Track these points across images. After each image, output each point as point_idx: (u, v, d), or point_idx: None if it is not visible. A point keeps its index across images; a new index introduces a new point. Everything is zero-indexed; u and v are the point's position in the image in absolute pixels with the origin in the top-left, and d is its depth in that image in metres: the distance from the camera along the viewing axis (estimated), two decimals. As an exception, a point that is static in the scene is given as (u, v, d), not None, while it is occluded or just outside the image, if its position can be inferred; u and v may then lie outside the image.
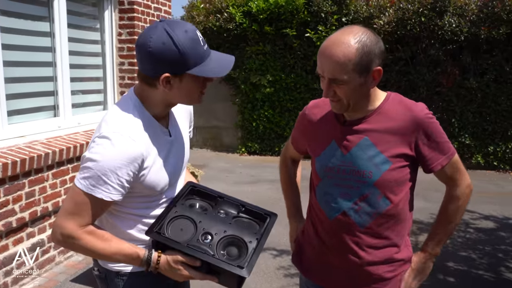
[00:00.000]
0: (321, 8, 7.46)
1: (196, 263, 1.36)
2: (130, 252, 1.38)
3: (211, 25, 8.10)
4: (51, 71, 3.82)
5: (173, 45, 1.29)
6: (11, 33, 3.39)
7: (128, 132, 1.33)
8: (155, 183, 1.42)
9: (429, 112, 1.51)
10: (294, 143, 1.82)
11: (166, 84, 1.35)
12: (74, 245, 1.35)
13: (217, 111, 8.83)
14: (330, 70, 1.40)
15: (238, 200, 1.58)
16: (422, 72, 7.44)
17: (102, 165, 1.28)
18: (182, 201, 1.52)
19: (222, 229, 1.44)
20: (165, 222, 1.43)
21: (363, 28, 1.43)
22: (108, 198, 1.31)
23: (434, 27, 7.10)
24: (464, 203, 1.59)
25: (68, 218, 1.32)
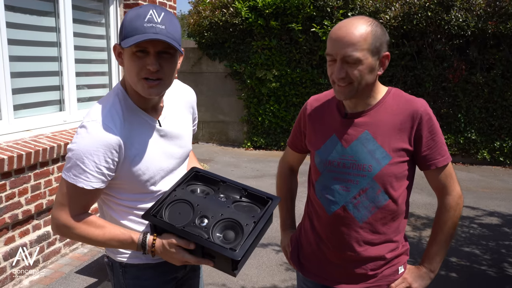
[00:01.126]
0: (327, 2, 7.43)
1: (190, 246, 1.36)
2: (125, 237, 1.40)
3: (217, 19, 8.10)
4: (57, 66, 3.86)
5: (125, 16, 1.34)
6: (17, 28, 3.43)
7: (104, 120, 1.35)
8: (141, 171, 1.42)
9: (429, 109, 1.52)
10: (292, 142, 1.82)
11: (118, 56, 1.39)
12: (70, 234, 1.39)
13: (223, 105, 8.85)
14: (344, 48, 1.39)
15: (241, 185, 1.57)
16: (428, 67, 7.40)
17: (79, 153, 1.31)
18: (183, 186, 1.51)
19: (219, 212, 1.43)
20: (163, 206, 1.44)
21: (371, 18, 1.47)
22: (89, 187, 1.33)
23: (441, 21, 7.05)
24: (456, 214, 1.57)
25: (60, 209, 1.37)
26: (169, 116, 1.54)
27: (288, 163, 1.91)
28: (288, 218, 1.90)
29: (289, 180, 1.91)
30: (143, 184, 1.45)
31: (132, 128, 1.40)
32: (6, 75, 3.26)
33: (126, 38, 1.29)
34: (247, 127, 8.77)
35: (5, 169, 2.97)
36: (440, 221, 1.59)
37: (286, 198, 1.90)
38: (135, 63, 1.32)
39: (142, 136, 1.43)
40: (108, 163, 1.34)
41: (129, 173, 1.40)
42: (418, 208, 5.18)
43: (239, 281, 3.45)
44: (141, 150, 1.42)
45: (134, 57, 1.31)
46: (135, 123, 1.42)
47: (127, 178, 1.41)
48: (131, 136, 1.39)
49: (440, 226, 1.59)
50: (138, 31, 1.27)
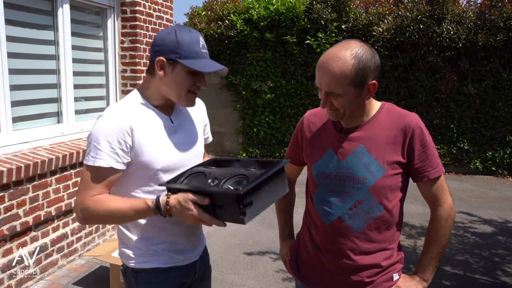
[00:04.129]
0: (321, 15, 7.54)
1: (205, 200, 1.39)
2: (140, 205, 1.47)
3: (212, 32, 8.19)
4: (55, 79, 3.90)
5: (174, 35, 1.50)
6: (17, 42, 3.48)
7: (118, 109, 1.52)
8: (153, 158, 1.52)
9: (421, 123, 1.58)
10: (290, 155, 1.87)
11: (160, 69, 1.52)
12: (91, 215, 1.48)
13: (218, 116, 8.91)
14: (327, 84, 1.47)
15: (254, 159, 1.64)
16: (421, 78, 7.51)
17: (94, 135, 1.47)
18: (199, 167, 1.60)
19: (229, 173, 1.49)
20: (179, 178, 1.53)
21: (360, 42, 1.50)
22: (105, 165, 1.45)
23: (433, 34, 7.18)
24: (448, 225, 1.62)
25: (81, 194, 1.48)
26: (180, 116, 1.68)
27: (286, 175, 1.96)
28: (287, 228, 1.95)
29: None
30: (156, 174, 1.54)
31: (145, 119, 1.54)
32: (5, 88, 3.30)
33: (189, 59, 1.50)
34: (242, 138, 8.82)
35: (4, 181, 2.99)
36: (432, 232, 1.64)
37: (284, 209, 1.95)
38: (188, 80, 1.53)
39: (153, 127, 1.55)
40: (121, 144, 1.47)
41: (141, 159, 1.51)
42: (412, 218, 5.24)
43: (236, 291, 3.47)
44: (154, 140, 1.54)
45: (189, 74, 1.52)
46: (148, 116, 1.56)
47: (140, 165, 1.52)
48: (142, 124, 1.52)
49: (433, 236, 1.64)
50: (199, 55, 1.52)
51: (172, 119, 1.64)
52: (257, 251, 4.29)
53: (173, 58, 1.50)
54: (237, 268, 3.91)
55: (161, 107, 1.61)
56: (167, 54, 1.50)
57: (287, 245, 1.90)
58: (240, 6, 8.15)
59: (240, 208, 1.34)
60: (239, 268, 3.91)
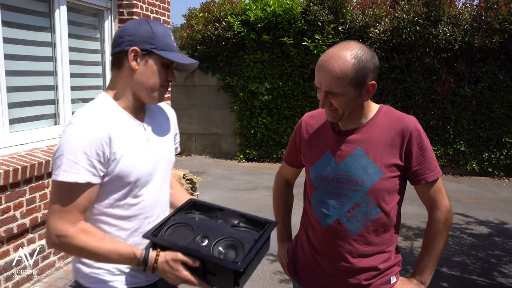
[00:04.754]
0: (318, 17, 7.57)
1: (196, 263, 1.32)
2: (126, 251, 1.34)
3: (209, 33, 8.20)
4: (52, 80, 3.90)
5: (148, 26, 1.43)
6: (13, 44, 3.47)
7: (92, 116, 1.37)
8: (128, 170, 1.39)
9: (419, 126, 1.58)
10: (288, 157, 1.87)
11: (133, 59, 1.41)
12: (69, 246, 1.31)
13: (216, 118, 8.91)
14: (327, 83, 1.47)
15: (238, 212, 1.56)
16: (417, 80, 7.54)
17: (69, 147, 1.29)
18: (181, 213, 1.52)
19: (219, 232, 1.42)
20: (163, 228, 1.43)
21: (360, 44, 1.51)
22: (82, 180, 1.29)
23: (429, 36, 7.21)
24: (446, 228, 1.63)
25: (56, 217, 1.30)
26: (152, 122, 1.56)
27: (284, 178, 1.96)
28: (285, 231, 1.95)
29: (285, 194, 1.96)
30: (129, 186, 1.42)
31: (118, 126, 1.40)
32: (2, 90, 3.29)
33: (164, 50, 1.42)
34: (239, 139, 8.83)
35: (1, 183, 2.99)
36: (430, 234, 1.64)
37: (283, 212, 1.95)
38: (162, 74, 1.45)
39: (128, 136, 1.43)
40: (99, 156, 1.32)
41: (117, 171, 1.37)
42: (409, 219, 5.25)
43: (233, 293, 3.47)
44: (128, 149, 1.40)
45: (162, 68, 1.45)
46: (121, 122, 1.43)
47: (113, 178, 1.38)
48: (118, 133, 1.39)
49: (430, 239, 1.64)
50: (172, 48, 1.46)
51: (145, 126, 1.51)
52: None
53: (148, 49, 1.41)
54: (235, 269, 3.90)
55: (133, 111, 1.48)
56: (141, 44, 1.40)
57: (285, 247, 1.90)
58: (237, 7, 8.17)
59: (235, 280, 1.30)
60: (236, 269, 3.90)
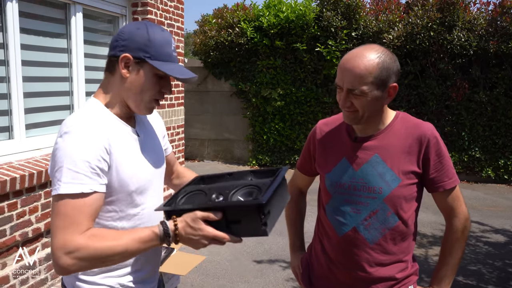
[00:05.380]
0: (331, 23, 7.56)
1: (218, 215, 1.22)
2: (145, 234, 1.23)
3: (223, 39, 8.24)
4: (68, 86, 3.94)
5: (145, 32, 1.30)
6: (30, 50, 3.52)
7: (88, 122, 1.27)
8: (129, 179, 1.32)
9: (436, 133, 1.57)
10: (302, 165, 1.85)
11: (125, 67, 1.30)
12: (84, 258, 1.17)
13: (228, 124, 8.93)
14: (350, 80, 1.44)
15: (247, 170, 1.52)
16: (431, 85, 7.48)
17: (68, 156, 1.19)
18: (191, 186, 1.48)
19: (234, 187, 1.36)
20: (176, 199, 1.37)
21: (382, 47, 1.51)
22: (88, 190, 1.18)
23: (443, 41, 7.15)
24: (464, 236, 1.61)
25: (63, 234, 1.16)
26: (143, 128, 1.50)
27: (297, 186, 1.94)
28: (298, 240, 1.93)
29: (298, 202, 1.94)
30: (130, 195, 1.34)
31: (115, 133, 1.33)
32: (19, 95, 3.34)
33: (159, 61, 1.31)
34: (252, 145, 8.83)
35: (17, 188, 3.02)
36: (448, 243, 1.62)
37: (296, 221, 1.92)
38: (155, 85, 1.34)
39: (124, 143, 1.35)
40: (101, 162, 1.23)
41: (117, 180, 1.29)
42: (423, 227, 5.19)
43: (246, 299, 3.46)
44: (126, 157, 1.33)
45: (156, 78, 1.33)
46: (116, 129, 1.35)
47: (114, 187, 1.30)
48: (116, 140, 1.31)
49: (448, 248, 1.62)
50: (171, 59, 1.33)
51: (137, 131, 1.43)
52: (267, 259, 4.28)
53: (141, 57, 1.29)
54: (247, 276, 3.89)
55: (124, 118, 1.40)
56: (134, 51, 1.29)
57: (299, 257, 1.88)
58: (250, 13, 8.20)
59: (261, 218, 1.21)
60: (248, 276, 3.89)
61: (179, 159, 5.51)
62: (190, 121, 8.99)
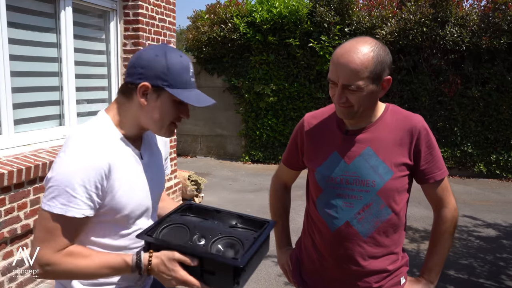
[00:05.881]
0: (324, 18, 7.54)
1: (194, 261, 1.24)
2: (117, 262, 1.27)
3: (215, 35, 8.20)
4: (57, 81, 3.90)
5: (164, 59, 1.31)
6: (19, 44, 3.47)
7: (92, 143, 1.28)
8: (124, 203, 1.33)
9: (426, 125, 1.56)
10: (288, 160, 1.82)
11: (143, 95, 1.32)
12: (55, 273, 1.26)
13: (221, 119, 8.90)
14: (345, 75, 1.41)
15: (235, 213, 1.51)
16: (424, 81, 7.49)
17: (67, 179, 1.21)
18: (177, 214, 1.47)
19: (217, 232, 1.36)
20: (158, 228, 1.37)
21: (374, 39, 1.48)
22: (80, 215, 1.23)
23: (436, 37, 7.16)
24: (452, 226, 1.61)
25: (43, 247, 1.23)
26: (149, 150, 1.50)
27: (282, 181, 1.91)
28: (284, 236, 1.90)
29: (284, 197, 1.91)
30: (123, 218, 1.35)
31: (118, 156, 1.33)
32: (7, 90, 3.29)
33: (178, 88, 1.32)
34: (245, 141, 8.81)
35: (5, 184, 2.98)
36: (437, 233, 1.62)
37: (281, 216, 1.90)
38: (173, 111, 1.35)
39: (125, 165, 1.35)
40: (98, 188, 1.25)
41: (112, 203, 1.30)
42: (415, 221, 5.20)
43: (238, 295, 3.44)
44: (125, 180, 1.33)
45: (174, 104, 1.34)
46: (120, 151, 1.35)
47: (108, 210, 1.31)
48: (117, 164, 1.31)
49: (437, 238, 1.62)
50: (188, 85, 1.34)
51: (142, 154, 1.44)
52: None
53: (160, 85, 1.30)
54: (239, 271, 3.88)
55: (131, 139, 1.40)
56: (153, 79, 1.30)
57: (286, 253, 1.86)
58: (243, 9, 8.17)
59: (235, 278, 1.23)
60: (241, 271, 3.88)
61: (171, 154, 5.48)
62: (182, 117, 8.93)
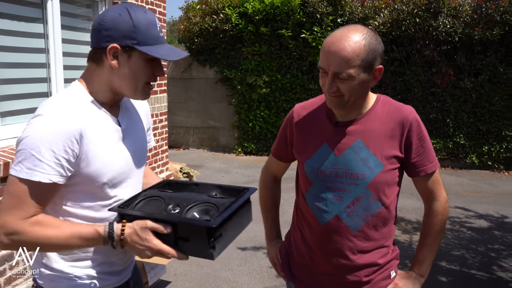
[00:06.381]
0: (317, 9, 7.48)
1: (167, 229, 1.20)
2: (88, 232, 1.22)
3: (207, 26, 8.12)
4: (45, 72, 3.83)
5: (128, 17, 1.26)
6: (5, 35, 3.40)
7: (62, 109, 1.23)
8: (101, 170, 1.28)
9: (417, 116, 1.53)
10: (277, 151, 1.79)
11: (113, 58, 1.27)
12: (21, 242, 1.20)
13: (213, 111, 8.85)
14: (336, 64, 1.37)
15: (215, 184, 1.47)
16: (417, 72, 7.48)
17: (35, 142, 1.17)
18: (153, 189, 1.43)
19: (192, 201, 1.32)
20: (132, 202, 1.33)
21: (366, 27, 1.44)
22: (46, 180, 1.17)
23: (429, 28, 7.14)
24: (444, 219, 1.59)
25: (9, 214, 1.18)
26: (127, 117, 1.45)
27: (272, 173, 1.88)
28: (274, 229, 1.88)
29: (273, 190, 1.88)
30: (101, 187, 1.31)
31: (92, 122, 1.28)
32: (-7, 82, 3.23)
33: (148, 45, 1.27)
34: (237, 132, 8.77)
35: (-8, 177, 2.93)
36: (428, 226, 1.60)
37: (271, 209, 1.87)
38: (146, 69, 1.31)
39: (101, 131, 1.30)
40: (68, 153, 1.20)
41: (88, 171, 1.26)
42: (408, 213, 5.21)
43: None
44: (101, 148, 1.29)
45: (147, 63, 1.30)
46: (95, 117, 1.30)
47: (84, 178, 1.27)
48: (91, 129, 1.27)
49: (428, 230, 1.60)
50: (158, 40, 1.30)
51: (120, 121, 1.39)
52: (251, 246, 4.25)
53: (129, 45, 1.26)
54: (231, 264, 3.86)
55: (107, 105, 1.36)
56: (121, 40, 1.25)
57: (276, 246, 1.83)
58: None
59: (210, 241, 1.19)
60: (232, 264, 3.86)
61: (162, 147, 5.43)
62: (174, 109, 8.88)
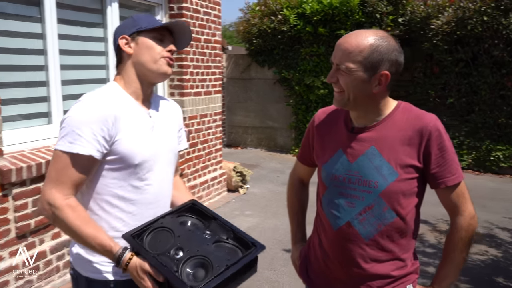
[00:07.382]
0: (376, 8, 7.30)
1: (160, 278, 1.34)
2: (105, 243, 1.38)
3: (265, 27, 8.20)
4: (104, 74, 4.07)
5: (130, 18, 1.57)
6: (68, 39, 3.65)
7: (100, 96, 1.46)
8: (133, 150, 1.46)
9: (440, 125, 1.47)
10: (302, 155, 1.81)
11: (125, 45, 1.53)
12: (56, 217, 1.38)
13: (271, 111, 8.93)
14: (340, 55, 1.42)
15: (231, 225, 1.52)
16: (484, 74, 7.05)
17: (76, 120, 1.39)
18: (173, 216, 1.51)
19: (196, 248, 1.39)
20: (147, 230, 1.44)
21: (392, 37, 1.44)
22: (85, 152, 1.36)
23: (498, 26, 6.70)
24: (468, 235, 1.51)
25: (52, 187, 1.38)
26: (157, 112, 1.64)
27: (298, 176, 1.90)
28: (299, 232, 1.89)
29: (300, 193, 1.90)
30: (134, 168, 1.48)
31: (125, 109, 1.49)
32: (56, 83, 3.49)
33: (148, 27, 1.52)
34: (295, 133, 8.78)
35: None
36: (451, 242, 1.54)
37: (297, 212, 1.89)
38: (156, 46, 1.53)
39: (134, 120, 1.50)
40: (104, 131, 1.40)
41: (120, 151, 1.45)
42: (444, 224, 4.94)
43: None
44: (132, 132, 1.48)
45: (155, 41, 1.53)
46: (127, 106, 1.51)
47: (119, 158, 1.45)
48: (124, 116, 1.47)
49: (451, 247, 1.54)
50: (156, 23, 1.54)
51: (150, 113, 1.59)
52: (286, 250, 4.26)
53: (134, 31, 1.52)
54: (274, 264, 3.90)
55: (139, 98, 1.57)
56: (127, 31, 1.53)
57: (299, 249, 1.84)
58: (293, 0, 8.09)
59: None
60: (276, 264, 3.90)
61: (216, 146, 5.56)
62: (233, 109, 9.06)
